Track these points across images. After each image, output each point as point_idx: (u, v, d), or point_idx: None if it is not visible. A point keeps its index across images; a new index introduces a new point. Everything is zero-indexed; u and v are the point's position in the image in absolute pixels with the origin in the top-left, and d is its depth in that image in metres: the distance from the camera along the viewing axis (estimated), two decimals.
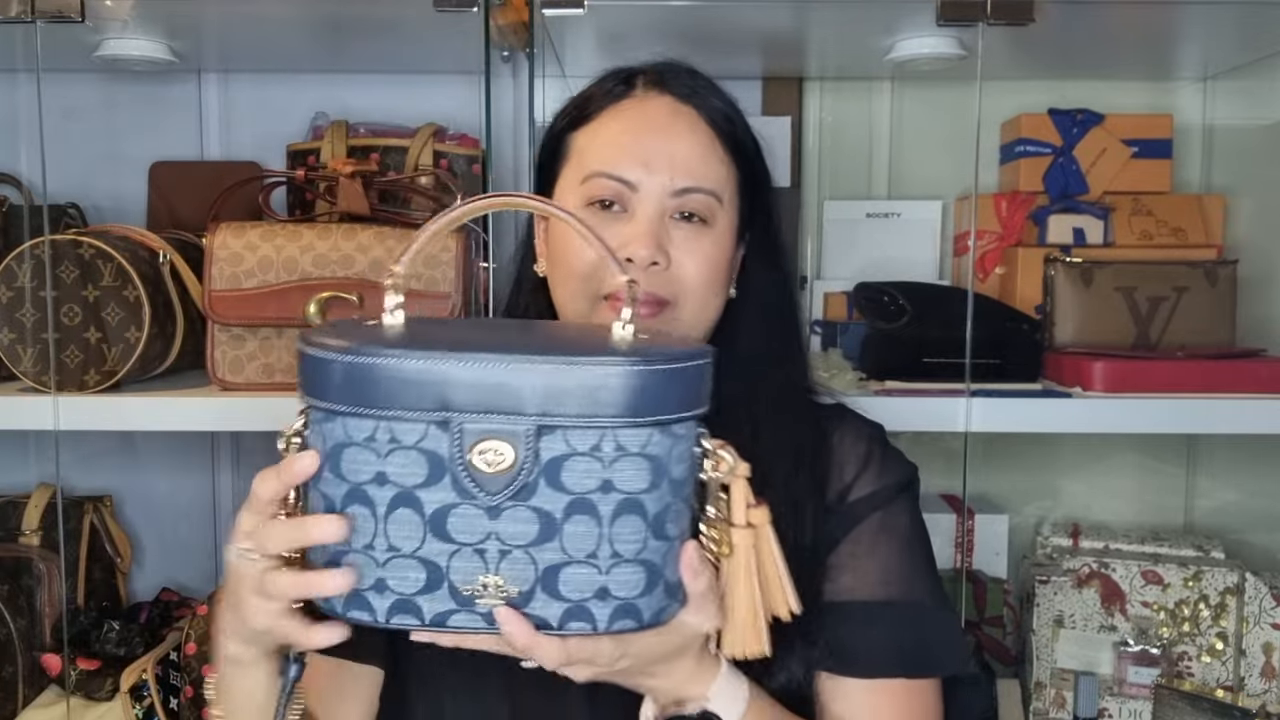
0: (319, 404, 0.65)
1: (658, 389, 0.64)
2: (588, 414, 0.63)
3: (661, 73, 0.93)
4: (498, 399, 0.63)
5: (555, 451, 0.64)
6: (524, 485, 0.64)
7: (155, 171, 1.70)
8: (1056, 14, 1.33)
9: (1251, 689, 1.48)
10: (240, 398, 1.34)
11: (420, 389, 0.63)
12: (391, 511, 0.64)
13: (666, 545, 0.68)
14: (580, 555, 0.65)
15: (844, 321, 1.64)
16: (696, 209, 0.89)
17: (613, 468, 0.65)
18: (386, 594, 0.65)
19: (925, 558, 0.94)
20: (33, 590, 1.54)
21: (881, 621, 0.89)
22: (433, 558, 0.64)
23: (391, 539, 0.64)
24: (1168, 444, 1.80)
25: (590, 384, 0.63)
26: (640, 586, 0.67)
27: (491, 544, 0.64)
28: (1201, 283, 1.52)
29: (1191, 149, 1.75)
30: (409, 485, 0.64)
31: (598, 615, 0.66)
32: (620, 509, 0.65)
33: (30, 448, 1.74)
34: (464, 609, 0.65)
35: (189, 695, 1.46)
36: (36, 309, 1.32)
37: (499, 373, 0.63)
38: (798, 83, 1.77)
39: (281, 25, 1.50)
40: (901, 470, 0.96)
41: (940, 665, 0.90)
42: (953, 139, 1.68)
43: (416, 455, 0.64)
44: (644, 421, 0.65)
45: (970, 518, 1.68)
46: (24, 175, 1.57)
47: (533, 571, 0.65)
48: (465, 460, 0.63)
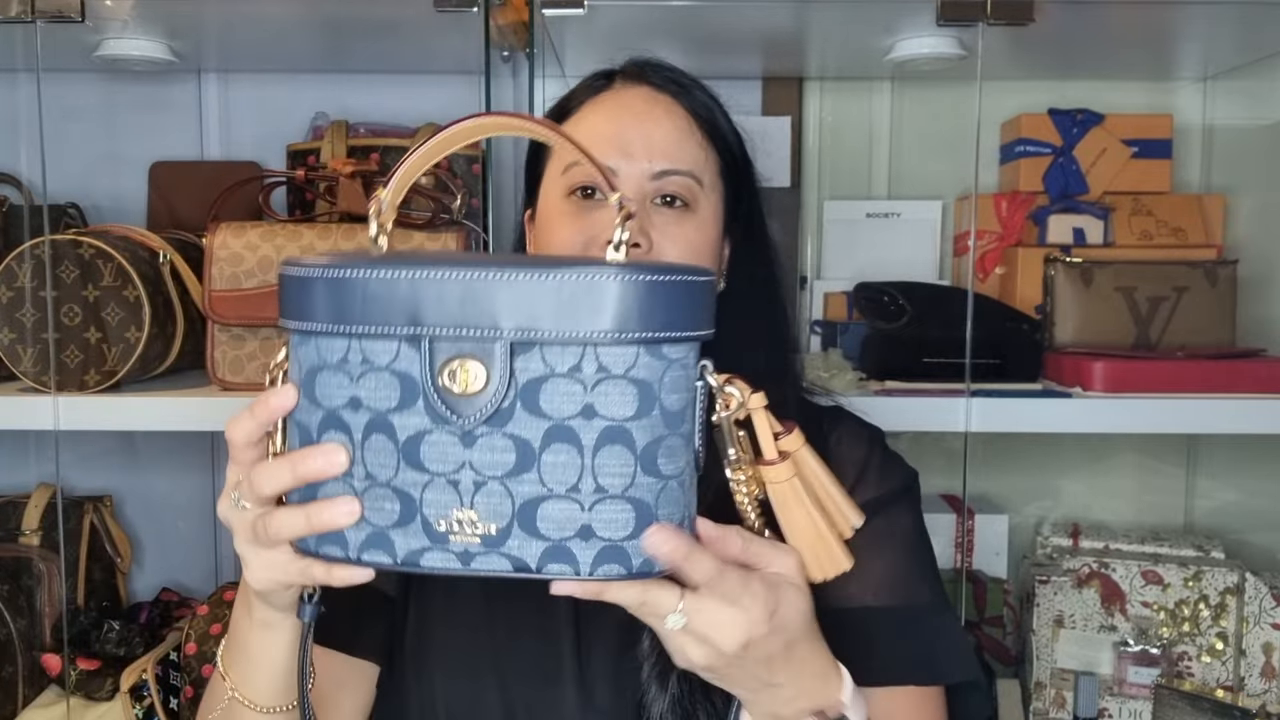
0: (292, 324, 0.62)
1: (646, 302, 0.59)
2: (567, 328, 0.58)
3: (640, 66, 0.95)
4: (470, 313, 0.58)
5: (532, 372, 0.59)
6: (498, 409, 0.59)
7: (155, 171, 1.70)
8: (1056, 14, 1.33)
9: (1251, 689, 1.48)
10: (240, 398, 1.34)
11: (390, 304, 0.59)
12: (367, 437, 0.60)
13: (660, 483, 0.61)
14: (560, 489, 0.60)
15: (844, 321, 1.64)
16: (676, 191, 0.89)
17: (595, 391, 0.59)
18: (362, 526, 0.61)
19: (928, 563, 0.93)
20: (33, 590, 1.54)
21: (888, 627, 0.88)
22: (406, 488, 0.60)
23: (369, 467, 0.61)
24: (1167, 444, 1.80)
25: (570, 294, 0.58)
26: (629, 527, 0.61)
27: (465, 474, 0.60)
28: (1201, 283, 1.52)
29: (1191, 149, 1.75)
30: (382, 409, 0.60)
31: (580, 557, 0.60)
32: (604, 438, 0.60)
33: (30, 448, 1.74)
34: (437, 545, 0.60)
35: (189, 695, 1.46)
36: (36, 309, 1.32)
37: (471, 283, 0.58)
38: (798, 83, 1.77)
39: (281, 25, 1.50)
40: (902, 474, 0.95)
41: (947, 673, 0.89)
42: (953, 139, 1.68)
43: (389, 377, 0.60)
44: (629, 338, 0.59)
45: (970, 518, 1.68)
46: (24, 175, 1.57)
47: (509, 505, 0.60)
48: (436, 381, 0.59)
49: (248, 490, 0.65)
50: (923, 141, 1.78)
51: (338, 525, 0.61)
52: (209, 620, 1.49)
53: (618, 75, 0.95)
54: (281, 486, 0.64)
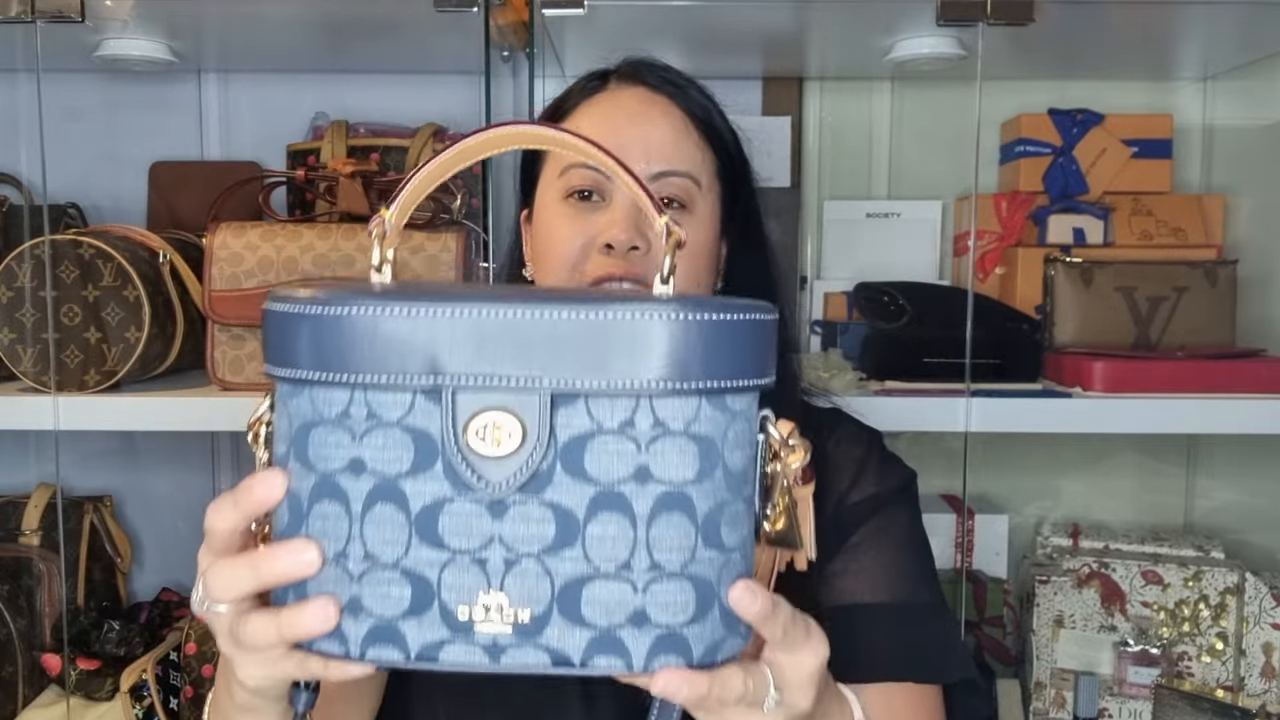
0: (282, 373, 0.52)
1: (710, 345, 0.50)
2: (618, 377, 0.50)
3: (635, 66, 0.94)
4: (501, 359, 0.49)
5: (576, 428, 0.50)
6: (535, 473, 0.50)
7: (155, 171, 1.70)
8: (1056, 14, 1.33)
9: (1251, 689, 1.48)
10: (240, 398, 1.34)
11: (404, 347, 0.49)
12: (369, 508, 0.51)
13: (723, 557, 0.53)
14: (609, 566, 0.51)
15: (844, 321, 1.64)
16: (674, 193, 0.89)
17: (650, 450, 0.51)
18: (363, 617, 0.51)
19: (925, 563, 0.93)
20: (33, 590, 1.54)
21: (885, 624, 0.88)
22: (420, 569, 0.51)
23: (369, 544, 0.51)
24: (1167, 444, 1.80)
25: (621, 336, 0.49)
26: (689, 610, 0.52)
27: (494, 551, 0.50)
28: (1201, 283, 1.52)
29: (1191, 149, 1.75)
30: (390, 474, 0.51)
31: (632, 648, 0.51)
32: (661, 505, 0.51)
33: (30, 448, 1.74)
34: (460, 638, 0.51)
35: (189, 695, 1.47)
36: (36, 309, 1.32)
37: (502, 323, 0.49)
38: (798, 83, 1.77)
39: (281, 25, 1.50)
40: (899, 474, 0.95)
41: (944, 671, 0.89)
42: (953, 139, 1.68)
43: (400, 434, 0.50)
44: (691, 388, 0.50)
45: (970, 518, 1.68)
46: (24, 175, 1.57)
47: (548, 587, 0.51)
48: (460, 439, 0.50)
49: (206, 589, 0.56)
50: (923, 141, 1.78)
51: (311, 634, 0.52)
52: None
53: (613, 76, 0.94)
54: (243, 591, 0.54)
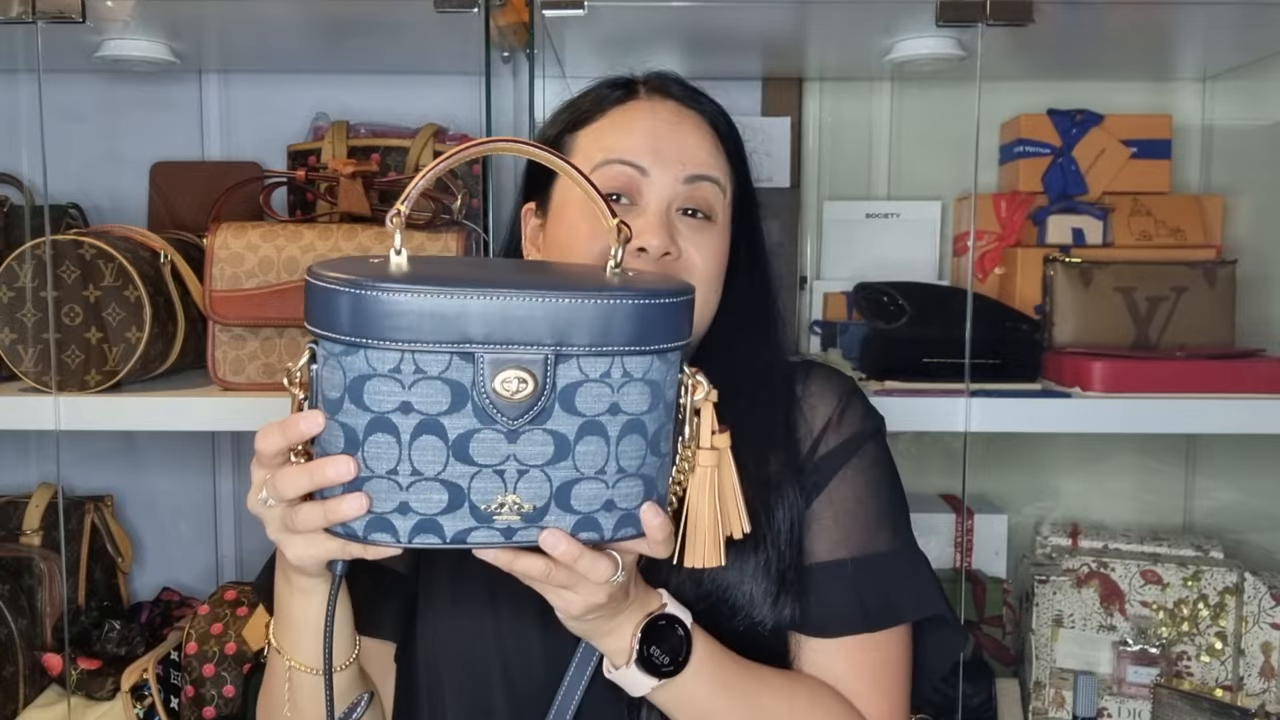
0: (339, 338, 0.68)
1: (658, 320, 0.71)
2: (599, 343, 0.69)
3: (661, 79, 0.98)
4: (518, 331, 0.68)
5: (570, 379, 0.70)
6: (541, 410, 0.69)
7: (156, 171, 1.70)
8: (1056, 14, 1.34)
9: (1250, 688, 1.48)
10: (241, 398, 1.34)
11: (444, 322, 0.67)
12: (416, 438, 0.69)
13: (660, 460, 0.74)
14: (591, 471, 0.71)
15: (844, 321, 1.65)
16: (702, 202, 0.92)
17: (620, 392, 0.71)
18: (410, 515, 0.70)
19: (889, 504, 0.96)
20: (34, 590, 1.54)
21: (845, 581, 0.92)
22: (455, 479, 0.69)
23: (415, 464, 0.69)
24: (1167, 444, 1.80)
25: (602, 316, 0.69)
26: (639, 497, 0.73)
27: (510, 465, 0.70)
28: (1200, 283, 1.53)
29: (1191, 149, 1.75)
30: (433, 413, 0.68)
31: (604, 524, 0.73)
32: (626, 429, 0.72)
33: (31, 448, 1.74)
34: (483, 525, 0.70)
35: (190, 695, 1.47)
36: (37, 309, 1.32)
37: (521, 306, 0.68)
38: (798, 83, 1.77)
39: (282, 25, 1.51)
40: (866, 421, 0.98)
41: (903, 614, 0.93)
42: (952, 139, 1.68)
43: (440, 385, 0.68)
44: (648, 349, 0.71)
45: (970, 517, 1.68)
46: (25, 175, 1.57)
47: (548, 488, 0.71)
48: (488, 389, 0.68)
49: (272, 491, 0.73)
50: (922, 142, 1.78)
51: (348, 517, 0.69)
52: (209, 620, 1.49)
53: (640, 87, 0.97)
54: (300, 490, 0.71)
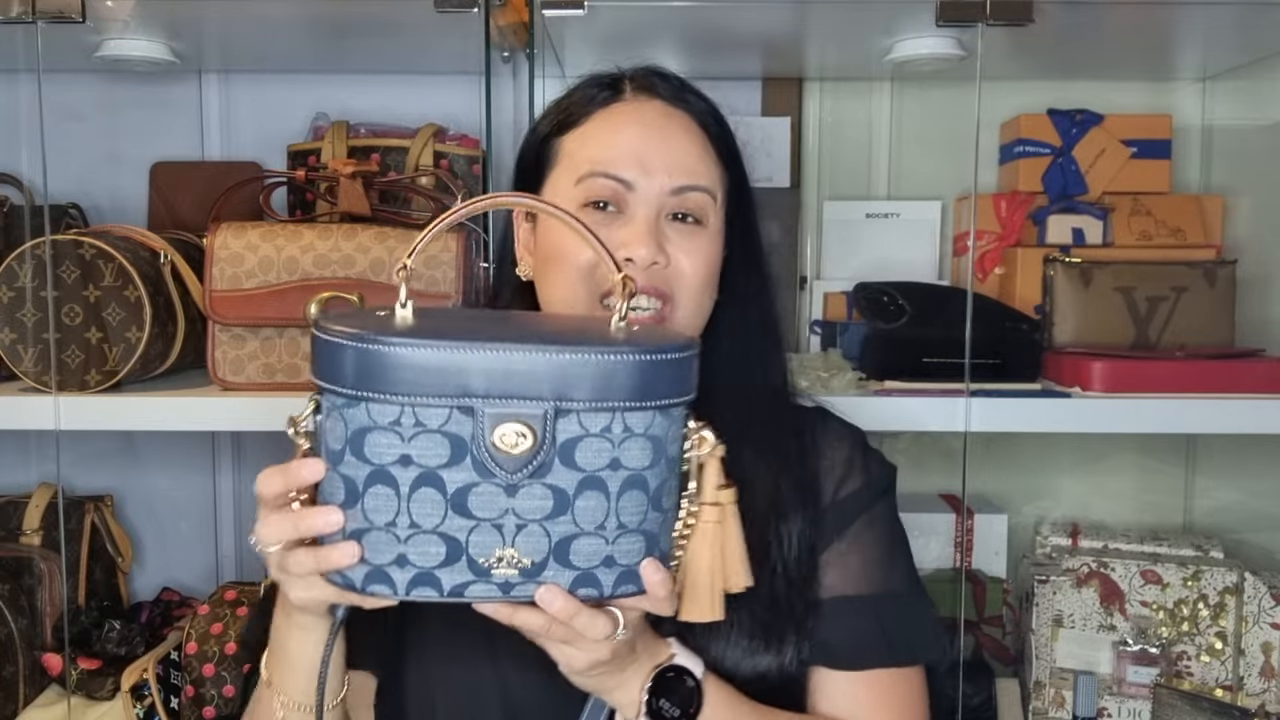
0: (342, 391, 0.69)
1: (660, 375, 0.70)
2: (600, 398, 0.69)
3: (648, 77, 0.95)
4: (518, 385, 0.68)
5: (570, 433, 0.69)
6: (541, 464, 0.69)
7: (156, 172, 1.70)
8: (1056, 14, 1.34)
9: (1250, 688, 1.48)
10: (241, 398, 1.34)
11: (445, 376, 0.67)
12: (415, 490, 0.69)
13: (662, 516, 0.74)
14: (590, 527, 0.71)
15: (844, 321, 1.65)
16: (692, 208, 0.91)
17: (621, 447, 0.70)
18: (408, 568, 0.70)
19: (903, 553, 0.98)
20: (34, 590, 1.54)
21: (862, 614, 0.93)
22: (453, 533, 0.69)
23: (414, 516, 0.69)
24: (1167, 444, 1.80)
25: (603, 371, 0.69)
26: (640, 554, 0.73)
27: (509, 519, 0.70)
28: (1200, 283, 1.53)
29: (1190, 149, 1.75)
30: (432, 466, 0.68)
31: (604, 581, 0.72)
32: (626, 484, 0.71)
33: (31, 447, 1.74)
34: (481, 579, 0.70)
35: (190, 695, 1.47)
36: (37, 309, 1.32)
37: (521, 361, 0.68)
38: (798, 83, 1.77)
39: (282, 25, 1.51)
40: (884, 471, 1.00)
41: (918, 653, 0.94)
42: (952, 139, 1.68)
43: (440, 438, 0.68)
44: (649, 405, 0.71)
45: (970, 517, 1.68)
46: (25, 175, 1.57)
47: (546, 543, 0.70)
48: (487, 442, 0.68)
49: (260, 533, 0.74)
50: (922, 142, 1.78)
51: (338, 565, 0.70)
52: (209, 620, 1.49)
53: (625, 85, 0.94)
54: (285, 537, 0.72)
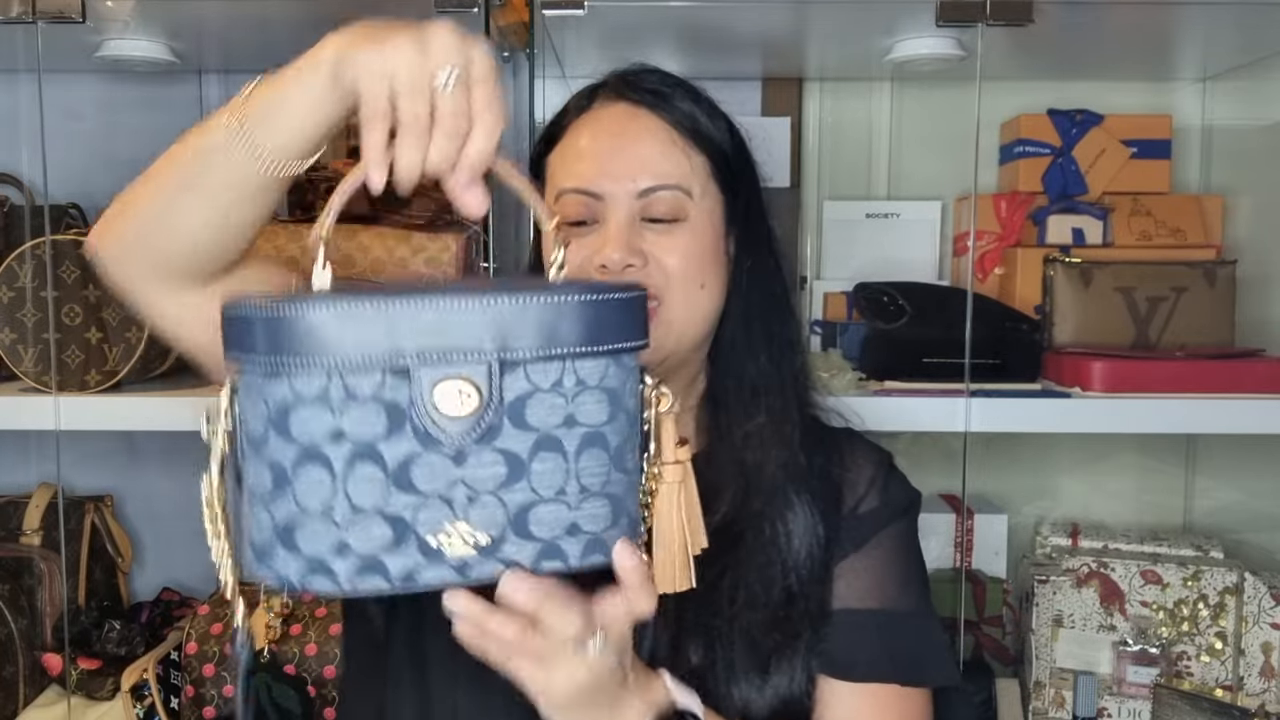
0: (258, 359, 0.61)
1: (608, 318, 0.64)
2: (546, 346, 0.62)
3: (621, 79, 0.94)
4: (456, 340, 0.61)
5: (518, 390, 0.63)
6: (490, 427, 0.62)
7: None
8: (1056, 14, 1.34)
9: (1250, 688, 1.48)
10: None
11: (371, 336, 0.60)
12: (351, 468, 0.61)
13: (626, 478, 0.67)
14: (549, 493, 0.64)
15: (844, 321, 1.65)
16: (663, 211, 0.89)
17: (575, 402, 0.64)
18: (349, 556, 0.62)
19: (918, 576, 0.97)
20: (34, 590, 1.54)
21: (867, 628, 0.91)
22: (398, 512, 0.62)
23: (352, 497, 0.61)
24: (1167, 444, 1.80)
25: (546, 316, 0.62)
26: (607, 519, 0.66)
27: (458, 491, 0.62)
28: (1200, 283, 1.53)
29: (1190, 149, 1.75)
30: (368, 439, 0.61)
31: (569, 551, 0.65)
32: (584, 443, 0.65)
33: (31, 448, 1.74)
34: (433, 562, 0.63)
35: (190, 695, 1.47)
36: (37, 309, 1.32)
37: (455, 311, 0.61)
38: (798, 83, 1.77)
39: (282, 25, 1.50)
40: (906, 493, 0.98)
41: (929, 675, 0.93)
42: (952, 139, 1.68)
43: (374, 406, 0.61)
44: (601, 351, 0.64)
45: (970, 517, 1.68)
46: (25, 175, 1.57)
47: (503, 514, 0.63)
48: (427, 406, 0.61)
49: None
50: (922, 142, 1.78)
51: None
52: (209, 620, 1.49)
53: (599, 93, 0.94)
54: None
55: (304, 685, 1.37)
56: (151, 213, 0.76)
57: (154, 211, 0.76)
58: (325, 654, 1.39)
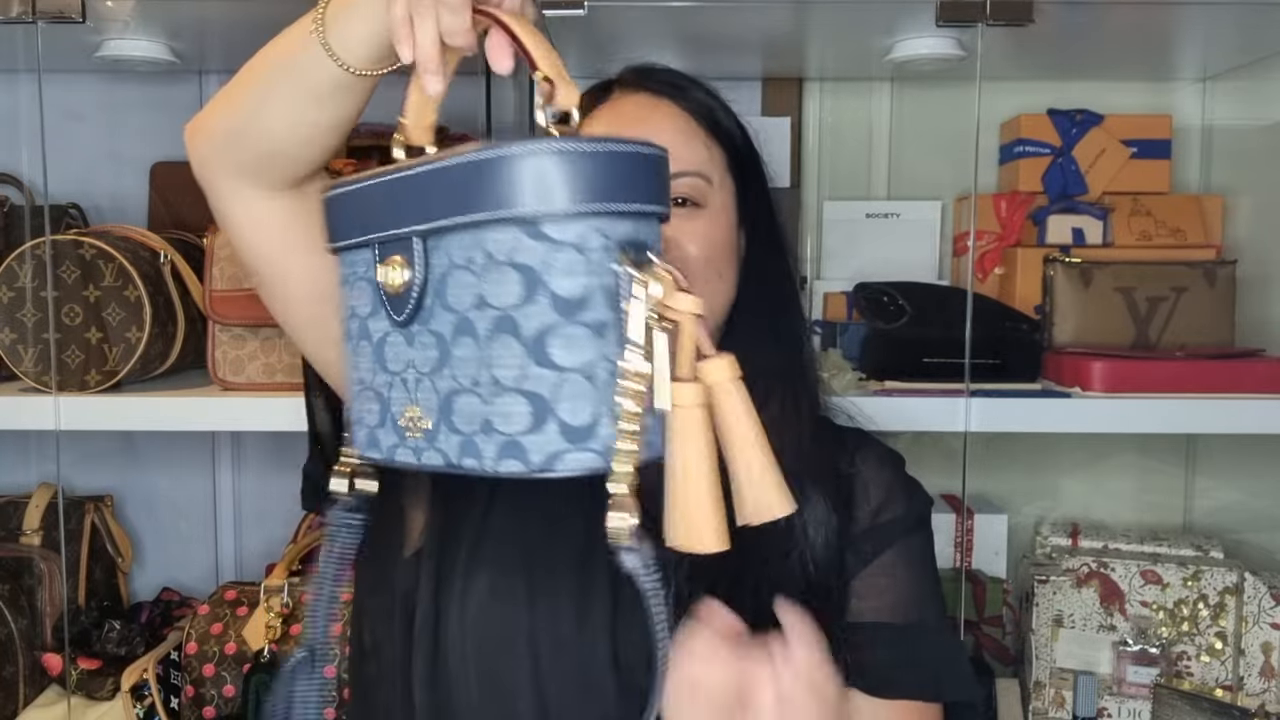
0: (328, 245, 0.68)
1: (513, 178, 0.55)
2: (453, 213, 0.57)
3: (636, 72, 0.95)
4: (392, 215, 0.61)
5: (441, 266, 0.59)
6: (422, 306, 0.61)
7: (156, 172, 1.70)
8: (1056, 14, 1.34)
9: (1250, 688, 1.48)
10: (241, 398, 1.34)
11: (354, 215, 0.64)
12: (358, 343, 0.65)
13: (556, 376, 0.56)
14: (466, 382, 0.58)
15: (844, 321, 1.65)
16: (686, 193, 0.89)
17: (484, 279, 0.57)
18: (361, 426, 0.66)
19: (935, 589, 0.96)
20: (34, 590, 1.54)
21: (898, 644, 0.91)
22: (380, 389, 0.64)
23: (360, 370, 0.66)
24: (1167, 444, 1.80)
25: (460, 179, 0.57)
26: (524, 422, 0.57)
27: (410, 372, 0.62)
28: (1200, 283, 1.53)
29: (1190, 149, 1.75)
30: (363, 315, 0.65)
31: (484, 451, 0.58)
32: (494, 327, 0.57)
33: (31, 448, 1.74)
34: (402, 443, 0.63)
35: (190, 695, 1.47)
36: (37, 309, 1.32)
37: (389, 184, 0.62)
38: (798, 83, 1.77)
39: (282, 25, 1.50)
40: (923, 501, 0.98)
41: (947, 690, 0.92)
42: (952, 139, 1.68)
43: (365, 285, 0.64)
44: (504, 216, 0.55)
45: (970, 517, 1.68)
46: (25, 175, 1.57)
47: (435, 400, 0.60)
48: (380, 282, 0.62)
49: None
50: (922, 141, 1.78)
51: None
52: (209, 620, 1.49)
53: (615, 85, 0.94)
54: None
55: None
56: (241, 113, 0.78)
57: (243, 112, 0.78)
58: None
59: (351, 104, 0.77)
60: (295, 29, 0.77)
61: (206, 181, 0.82)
